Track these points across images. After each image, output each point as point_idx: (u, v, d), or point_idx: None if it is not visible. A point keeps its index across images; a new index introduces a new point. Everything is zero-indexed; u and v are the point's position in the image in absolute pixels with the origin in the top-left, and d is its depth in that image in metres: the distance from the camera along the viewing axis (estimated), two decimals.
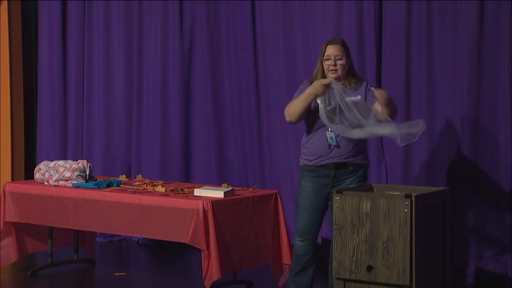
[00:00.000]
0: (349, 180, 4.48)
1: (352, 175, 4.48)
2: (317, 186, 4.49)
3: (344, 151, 4.43)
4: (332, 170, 4.46)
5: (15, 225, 5.39)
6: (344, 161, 4.44)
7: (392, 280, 4.21)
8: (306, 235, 4.53)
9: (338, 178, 4.47)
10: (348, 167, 4.46)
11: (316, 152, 4.47)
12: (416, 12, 5.36)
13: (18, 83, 7.07)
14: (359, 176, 4.49)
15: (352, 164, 4.46)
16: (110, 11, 6.70)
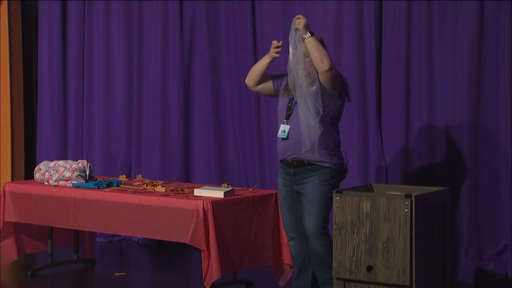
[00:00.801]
0: (311, 179, 4.29)
1: (312, 175, 4.29)
2: (286, 182, 4.39)
3: (296, 147, 4.24)
4: (291, 168, 4.32)
5: (15, 225, 5.39)
6: (301, 158, 4.26)
7: (392, 280, 4.21)
8: (292, 233, 4.45)
9: (299, 176, 4.31)
10: (306, 166, 4.29)
11: (278, 147, 4.38)
12: (416, 12, 5.36)
13: (18, 83, 7.07)
14: (321, 176, 4.28)
15: (310, 163, 4.28)
16: (110, 11, 6.69)
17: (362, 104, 5.55)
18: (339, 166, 4.31)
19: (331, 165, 4.26)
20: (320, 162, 4.24)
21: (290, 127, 4.24)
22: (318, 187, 4.27)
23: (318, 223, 4.29)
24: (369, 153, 5.55)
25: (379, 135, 5.53)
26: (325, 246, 4.32)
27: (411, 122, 5.42)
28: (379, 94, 5.54)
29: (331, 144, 4.26)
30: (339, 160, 4.31)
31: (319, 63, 4.09)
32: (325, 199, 4.28)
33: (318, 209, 4.28)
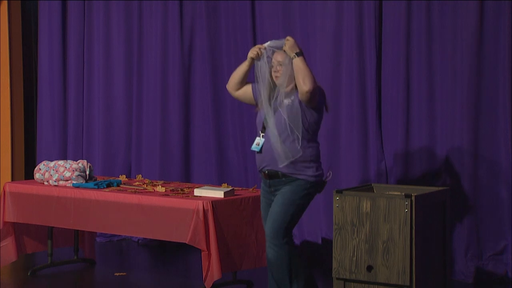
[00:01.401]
0: (284, 189, 4.16)
1: (287, 185, 4.16)
2: (265, 193, 4.29)
3: (270, 160, 4.15)
4: (267, 179, 4.22)
5: (15, 225, 5.39)
6: (276, 170, 4.15)
7: (392, 280, 4.21)
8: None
9: (275, 187, 4.20)
10: (280, 178, 4.17)
11: (256, 158, 4.28)
12: (416, 12, 5.36)
13: (18, 83, 7.07)
14: (294, 186, 4.14)
15: (284, 175, 4.15)
16: (110, 11, 6.69)
17: (362, 104, 5.55)
18: (316, 178, 4.16)
19: (306, 177, 4.13)
20: (294, 174, 4.13)
21: (265, 140, 4.16)
22: (287, 193, 4.13)
23: (275, 227, 4.11)
24: (369, 153, 5.54)
25: (379, 135, 5.53)
26: (276, 255, 4.12)
27: (411, 122, 5.42)
28: (379, 94, 5.54)
29: (307, 157, 4.14)
30: (317, 172, 4.17)
31: (301, 83, 4.02)
32: (291, 205, 4.13)
33: (280, 213, 4.11)
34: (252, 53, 4.16)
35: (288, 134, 4.09)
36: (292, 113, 4.08)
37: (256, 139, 4.22)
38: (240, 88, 4.32)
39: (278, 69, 4.13)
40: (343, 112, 5.62)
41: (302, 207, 4.16)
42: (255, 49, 4.15)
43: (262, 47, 4.14)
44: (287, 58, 4.11)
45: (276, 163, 4.12)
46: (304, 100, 4.08)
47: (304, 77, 4.02)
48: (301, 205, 4.16)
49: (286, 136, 4.10)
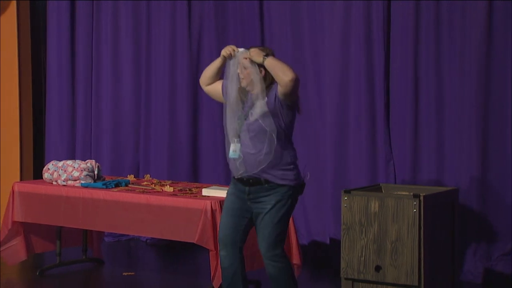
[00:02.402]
0: (266, 199, 3.96)
1: (269, 194, 3.96)
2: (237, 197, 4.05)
3: (251, 165, 3.94)
4: (246, 186, 3.99)
5: (23, 224, 5.40)
6: (258, 176, 3.94)
7: (400, 280, 4.21)
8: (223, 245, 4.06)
9: (254, 195, 3.98)
10: (263, 184, 3.96)
11: (230, 166, 4.05)
12: (424, 12, 5.35)
13: (27, 83, 7.09)
14: (277, 195, 3.95)
15: (267, 182, 3.95)
16: (119, 10, 6.70)
17: (370, 104, 5.54)
18: (297, 182, 4.00)
19: (289, 182, 3.95)
20: (278, 180, 3.94)
21: (241, 145, 3.96)
22: (273, 210, 3.95)
23: (270, 245, 3.98)
24: (378, 153, 5.53)
25: (387, 135, 5.52)
26: (279, 268, 4.02)
27: (420, 122, 5.41)
28: (387, 94, 5.53)
29: (287, 159, 3.96)
30: (297, 175, 4.01)
31: (281, 76, 3.84)
32: (279, 221, 3.97)
33: (271, 232, 3.97)
34: (225, 51, 4.03)
35: (262, 139, 3.91)
36: (266, 114, 3.91)
37: (231, 145, 3.97)
38: (211, 84, 4.18)
39: (243, 72, 3.98)
40: (351, 112, 5.61)
41: (288, 216, 4.03)
42: (229, 49, 4.02)
43: (236, 49, 4.01)
44: (248, 62, 3.96)
45: (255, 169, 3.92)
46: (288, 91, 3.86)
47: (282, 69, 3.86)
48: (287, 214, 4.01)
49: (261, 141, 3.92)
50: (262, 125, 3.90)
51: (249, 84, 3.98)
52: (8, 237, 5.37)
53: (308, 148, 5.82)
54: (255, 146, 3.93)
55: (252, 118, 3.94)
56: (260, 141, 3.92)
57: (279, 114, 3.94)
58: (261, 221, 3.99)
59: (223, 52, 4.04)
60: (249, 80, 3.97)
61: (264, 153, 3.91)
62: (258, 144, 3.92)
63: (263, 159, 3.91)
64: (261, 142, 3.92)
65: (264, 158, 3.91)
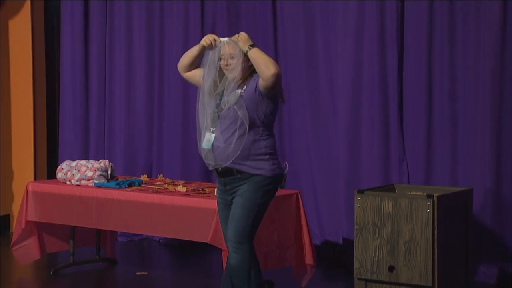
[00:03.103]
0: (242, 187, 3.87)
1: (243, 183, 3.86)
2: (220, 193, 4.01)
3: (222, 156, 3.85)
4: (221, 177, 3.92)
5: (37, 224, 5.42)
6: (229, 167, 3.85)
7: (414, 280, 4.20)
8: None
9: (230, 185, 3.91)
10: (235, 175, 3.87)
11: (204, 157, 3.96)
12: (438, 12, 5.33)
13: (41, 83, 7.12)
14: (252, 184, 3.84)
15: (239, 172, 3.85)
16: (132, 11, 6.72)
17: (384, 104, 5.53)
18: (273, 172, 3.87)
19: (264, 171, 3.84)
20: (250, 170, 3.84)
21: (215, 135, 3.88)
22: (246, 193, 3.85)
23: (237, 230, 3.85)
24: (391, 153, 5.52)
25: (400, 135, 5.50)
26: (237, 259, 3.86)
27: (433, 122, 5.39)
28: (400, 93, 5.52)
29: (261, 149, 3.85)
30: (273, 166, 3.87)
31: (264, 70, 3.76)
32: (252, 207, 3.85)
33: (240, 215, 3.85)
34: (205, 41, 3.97)
35: (234, 129, 3.83)
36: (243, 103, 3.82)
37: (206, 135, 3.90)
38: (190, 71, 4.11)
39: (230, 62, 3.91)
40: (365, 112, 5.60)
41: (264, 207, 3.89)
42: (210, 38, 3.96)
43: (218, 39, 3.95)
44: (238, 50, 3.92)
45: (227, 159, 3.84)
46: (269, 85, 3.78)
47: (265, 62, 3.78)
48: (262, 205, 3.88)
49: (232, 131, 3.84)
50: (234, 115, 3.81)
51: (237, 75, 3.88)
52: (22, 237, 5.39)
53: (321, 148, 5.81)
54: (226, 138, 3.84)
55: (225, 107, 3.86)
56: (231, 132, 3.83)
57: (258, 105, 3.84)
58: (234, 205, 3.88)
59: (202, 41, 3.97)
60: (237, 71, 3.89)
61: (232, 146, 3.81)
62: (229, 136, 3.83)
63: (231, 152, 3.81)
64: (232, 134, 3.83)
65: (232, 151, 3.81)
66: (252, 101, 3.84)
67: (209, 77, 3.93)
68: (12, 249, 5.41)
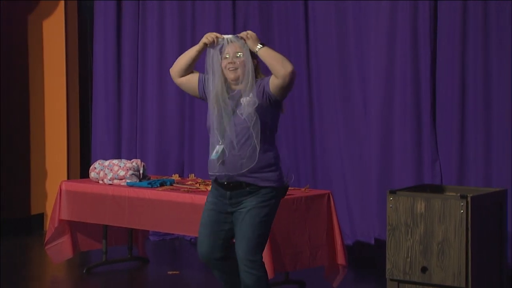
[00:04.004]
0: (248, 200, 3.68)
1: (250, 196, 3.68)
2: (217, 202, 3.79)
3: (232, 168, 3.66)
4: (228, 191, 3.71)
5: (70, 223, 5.46)
6: (238, 179, 3.66)
7: (447, 281, 4.16)
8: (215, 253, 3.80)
9: (236, 199, 3.71)
10: (244, 188, 3.68)
11: (209, 166, 3.77)
12: (472, 12, 5.27)
13: (74, 83, 7.17)
14: (259, 197, 3.67)
15: (248, 185, 3.67)
16: (164, 11, 6.74)
17: (416, 104, 5.49)
18: (280, 183, 3.72)
19: (271, 183, 3.68)
20: (259, 182, 3.67)
21: (224, 146, 3.67)
22: (254, 209, 3.67)
23: (249, 248, 3.68)
24: (423, 153, 5.48)
25: (433, 135, 5.46)
26: (255, 278, 3.71)
27: (466, 122, 5.33)
28: (433, 94, 5.48)
29: (270, 160, 3.69)
30: (279, 177, 3.73)
31: (279, 68, 3.56)
32: (260, 222, 3.69)
33: (252, 233, 3.68)
34: (207, 38, 3.67)
35: (247, 138, 3.62)
36: (252, 112, 3.61)
37: (216, 147, 3.69)
38: (185, 75, 3.79)
39: (235, 61, 3.67)
40: (397, 112, 5.56)
41: (271, 220, 3.74)
42: (212, 35, 3.67)
43: (221, 36, 3.67)
44: (245, 49, 3.68)
45: (237, 172, 3.65)
46: (286, 84, 3.57)
47: (281, 60, 3.58)
48: (270, 219, 3.73)
49: (245, 141, 3.64)
50: (247, 124, 3.60)
51: (241, 75, 3.65)
52: (55, 235, 5.44)
53: (353, 148, 5.79)
54: (240, 148, 3.63)
55: (241, 116, 3.62)
56: (244, 142, 3.63)
57: (267, 112, 3.65)
58: (241, 222, 3.69)
59: (204, 39, 3.69)
60: (242, 71, 3.66)
61: (247, 156, 3.62)
62: (243, 146, 3.63)
63: (245, 163, 3.63)
64: (246, 144, 3.63)
65: (246, 162, 3.63)
66: (260, 108, 3.62)
67: (217, 82, 3.65)
68: (46, 248, 5.46)
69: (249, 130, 3.62)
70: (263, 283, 3.72)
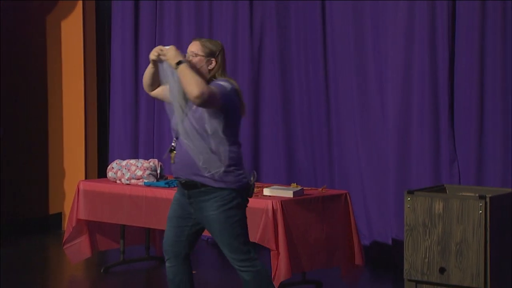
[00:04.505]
0: (207, 204, 3.67)
1: (209, 198, 3.66)
2: (181, 199, 3.79)
3: (184, 168, 3.67)
4: (185, 189, 3.72)
5: (88, 222, 5.49)
6: (194, 180, 3.66)
7: (465, 282, 4.14)
8: (168, 253, 3.84)
9: (194, 199, 3.70)
10: (199, 188, 3.66)
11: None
12: (490, 12, 5.24)
13: (92, 83, 7.20)
14: (218, 200, 3.65)
15: (203, 185, 3.65)
16: (181, 11, 6.76)
17: (434, 104, 5.46)
18: (239, 184, 3.68)
19: (229, 185, 3.64)
20: (213, 183, 3.63)
21: (177, 147, 3.71)
22: (219, 215, 3.66)
23: (233, 251, 3.71)
24: (441, 153, 5.45)
25: (451, 135, 5.43)
26: (252, 274, 3.72)
27: (485, 122, 5.30)
28: (451, 94, 5.45)
29: (225, 161, 3.65)
30: (238, 177, 3.68)
31: (188, 91, 3.52)
32: (232, 224, 3.67)
33: (228, 238, 3.69)
34: (153, 54, 3.69)
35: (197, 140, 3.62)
36: (197, 118, 3.63)
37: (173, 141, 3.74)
38: (155, 89, 3.85)
39: (191, 59, 3.70)
40: (415, 111, 5.54)
41: (241, 219, 3.71)
42: (156, 50, 3.68)
43: (164, 48, 3.67)
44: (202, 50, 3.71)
45: (191, 171, 3.65)
46: (197, 105, 3.55)
47: (189, 83, 3.51)
48: (238, 216, 3.70)
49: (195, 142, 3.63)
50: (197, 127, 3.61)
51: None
52: (73, 235, 5.46)
53: (370, 148, 5.77)
54: (184, 150, 3.65)
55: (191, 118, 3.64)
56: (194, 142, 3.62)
57: (215, 115, 3.61)
58: (213, 230, 3.71)
59: (151, 56, 3.71)
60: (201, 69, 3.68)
61: (189, 158, 3.63)
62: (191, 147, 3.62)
63: (195, 163, 3.62)
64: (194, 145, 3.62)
65: (195, 163, 3.62)
66: (209, 110, 3.60)
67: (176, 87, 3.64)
68: (64, 247, 5.49)
69: (198, 132, 3.62)
70: (263, 276, 3.74)
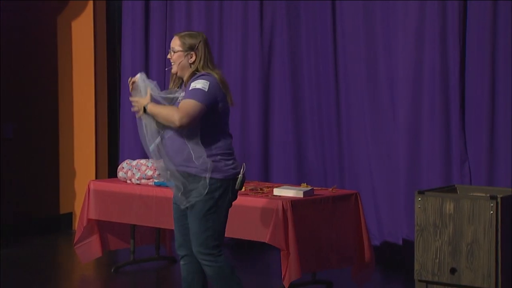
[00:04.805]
0: (192, 193, 3.74)
1: (193, 188, 3.74)
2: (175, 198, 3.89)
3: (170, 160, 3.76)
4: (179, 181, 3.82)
5: (98, 222, 5.50)
6: (180, 169, 3.75)
7: (476, 283, 4.12)
8: (181, 251, 3.92)
9: (185, 189, 3.79)
10: (186, 178, 3.76)
11: None
12: (502, 12, 5.22)
13: (102, 83, 7.22)
14: (201, 189, 3.71)
15: (190, 175, 3.75)
16: (192, 10, 6.76)
17: (445, 103, 5.45)
18: (225, 173, 3.76)
19: (213, 174, 3.72)
20: (200, 173, 3.71)
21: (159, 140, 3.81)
22: (198, 203, 3.73)
23: (199, 242, 3.74)
24: (452, 153, 5.43)
25: (462, 135, 5.41)
26: (213, 269, 3.78)
27: (496, 122, 5.28)
28: (462, 94, 5.43)
29: (211, 151, 3.75)
30: (225, 167, 3.77)
31: (170, 124, 3.68)
32: (206, 216, 3.73)
33: (197, 227, 3.74)
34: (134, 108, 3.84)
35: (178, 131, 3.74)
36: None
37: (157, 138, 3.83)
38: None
39: (172, 55, 3.89)
40: (425, 111, 5.53)
41: (220, 212, 3.77)
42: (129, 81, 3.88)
43: (134, 78, 3.89)
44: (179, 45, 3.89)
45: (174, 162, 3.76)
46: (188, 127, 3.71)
47: (166, 118, 3.69)
48: (218, 212, 3.75)
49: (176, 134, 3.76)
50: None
51: (179, 70, 3.88)
52: (84, 235, 5.47)
53: (381, 148, 5.76)
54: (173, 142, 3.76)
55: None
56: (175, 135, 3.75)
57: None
58: (189, 216, 3.77)
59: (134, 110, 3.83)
60: (177, 64, 3.87)
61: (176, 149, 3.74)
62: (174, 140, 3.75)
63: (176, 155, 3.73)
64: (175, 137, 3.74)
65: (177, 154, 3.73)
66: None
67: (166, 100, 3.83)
68: (75, 247, 5.50)
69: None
70: (225, 273, 3.79)
